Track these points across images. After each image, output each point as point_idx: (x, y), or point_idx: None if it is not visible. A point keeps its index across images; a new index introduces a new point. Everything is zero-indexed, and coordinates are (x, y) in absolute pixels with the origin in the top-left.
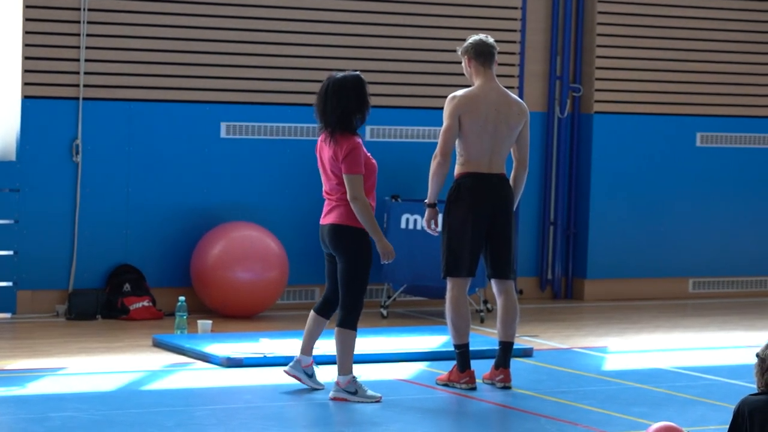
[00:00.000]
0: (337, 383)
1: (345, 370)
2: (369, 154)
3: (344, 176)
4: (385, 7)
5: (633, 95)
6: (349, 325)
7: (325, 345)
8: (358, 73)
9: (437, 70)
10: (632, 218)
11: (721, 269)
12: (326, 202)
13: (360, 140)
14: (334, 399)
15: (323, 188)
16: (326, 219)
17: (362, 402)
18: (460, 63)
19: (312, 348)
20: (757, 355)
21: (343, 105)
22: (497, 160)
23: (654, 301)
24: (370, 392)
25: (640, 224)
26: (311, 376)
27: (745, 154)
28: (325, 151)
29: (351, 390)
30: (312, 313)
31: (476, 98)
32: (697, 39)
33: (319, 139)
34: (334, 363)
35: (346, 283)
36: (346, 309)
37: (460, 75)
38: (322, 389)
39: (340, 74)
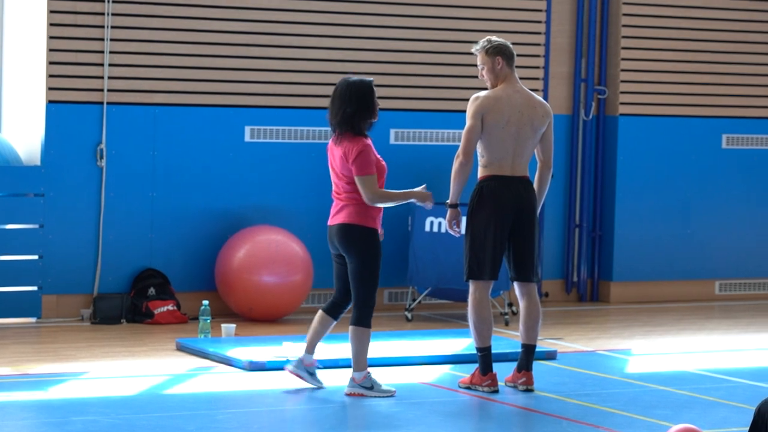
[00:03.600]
0: (353, 379)
1: (360, 366)
2: (379, 156)
3: (356, 178)
4: (407, 10)
5: (658, 97)
6: (363, 323)
7: (328, 349)
8: (370, 79)
9: (461, 73)
10: (658, 220)
11: (748, 271)
12: (335, 203)
13: (369, 142)
14: (350, 395)
15: (333, 189)
16: (335, 219)
17: (378, 396)
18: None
19: (315, 347)
20: None
21: (350, 108)
22: (520, 163)
23: (680, 304)
24: (384, 387)
25: (666, 226)
26: (312, 374)
27: None
28: (335, 152)
29: (367, 385)
30: (320, 312)
31: (500, 99)
32: (722, 41)
33: (330, 140)
34: (336, 367)
35: (358, 281)
36: (359, 307)
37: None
38: (323, 388)
39: (353, 77)
